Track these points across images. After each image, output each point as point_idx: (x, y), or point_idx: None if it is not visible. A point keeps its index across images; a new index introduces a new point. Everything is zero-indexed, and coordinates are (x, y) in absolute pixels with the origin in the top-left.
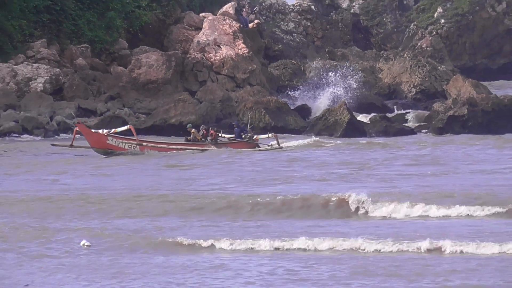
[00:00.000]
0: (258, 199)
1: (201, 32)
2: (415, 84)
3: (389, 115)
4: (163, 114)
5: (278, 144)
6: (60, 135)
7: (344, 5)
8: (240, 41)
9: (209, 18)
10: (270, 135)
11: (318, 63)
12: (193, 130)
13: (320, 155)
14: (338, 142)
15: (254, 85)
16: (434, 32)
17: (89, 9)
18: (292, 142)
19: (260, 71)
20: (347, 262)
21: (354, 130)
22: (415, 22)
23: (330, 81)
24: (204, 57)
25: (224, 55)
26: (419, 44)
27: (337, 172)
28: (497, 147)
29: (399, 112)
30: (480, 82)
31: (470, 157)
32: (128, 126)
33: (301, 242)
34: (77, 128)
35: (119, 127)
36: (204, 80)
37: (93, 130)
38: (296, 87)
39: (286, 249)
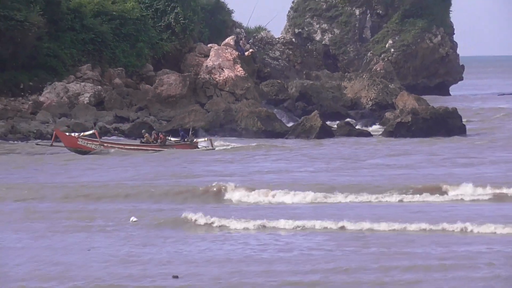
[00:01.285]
0: (152, 190)
1: (208, 58)
2: (371, 98)
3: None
4: (179, 120)
5: (212, 146)
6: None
7: (317, 38)
8: (239, 65)
9: (215, 48)
10: (205, 139)
11: (298, 83)
12: (146, 134)
13: (239, 155)
14: (260, 144)
15: (249, 99)
16: (386, 59)
17: (124, 40)
18: (225, 145)
19: (253, 88)
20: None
21: (325, 133)
22: (372, 51)
23: None
24: (211, 78)
25: (226, 76)
26: (374, 67)
27: (235, 168)
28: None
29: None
30: (421, 96)
31: (356, 155)
32: (93, 130)
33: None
34: (55, 132)
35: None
36: (211, 95)
37: (66, 134)
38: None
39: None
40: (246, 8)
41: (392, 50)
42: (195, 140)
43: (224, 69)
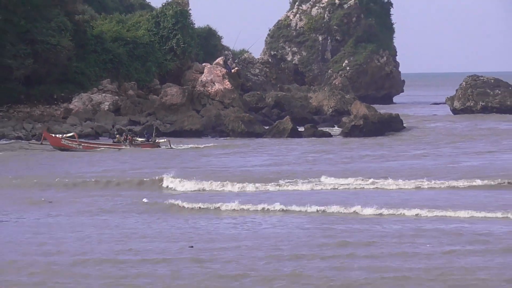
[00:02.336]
0: (104, 179)
1: (203, 75)
2: (331, 106)
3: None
4: (180, 124)
5: (170, 145)
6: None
7: (289, 59)
8: (226, 80)
9: (208, 66)
10: (165, 139)
11: (273, 94)
12: (117, 135)
13: (188, 153)
14: (210, 145)
15: (235, 106)
16: (343, 75)
17: (136, 60)
18: (183, 145)
19: (238, 98)
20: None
21: (294, 133)
22: (331, 69)
23: None
24: (205, 90)
25: (217, 88)
26: (333, 82)
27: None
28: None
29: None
30: (370, 105)
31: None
32: (73, 133)
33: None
34: (43, 134)
35: (153, 132)
36: (205, 104)
37: (52, 135)
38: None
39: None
40: (232, 33)
41: (348, 68)
42: (157, 140)
43: (215, 83)
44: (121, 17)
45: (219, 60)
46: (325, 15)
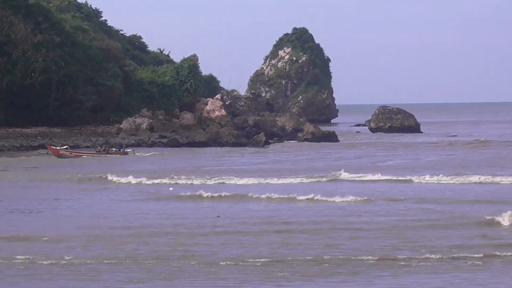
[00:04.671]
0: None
1: (207, 105)
2: (291, 126)
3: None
4: (193, 137)
5: (134, 153)
6: (153, 146)
7: (263, 95)
8: (223, 109)
9: (210, 100)
10: (131, 150)
11: (253, 118)
12: (99, 147)
13: (146, 158)
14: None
15: (228, 126)
16: (298, 106)
17: (163, 97)
18: (142, 153)
19: (230, 121)
20: None
21: (267, 143)
22: (291, 102)
23: None
24: (208, 115)
25: (216, 115)
26: (292, 110)
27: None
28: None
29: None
30: (316, 125)
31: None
32: (67, 146)
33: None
34: (47, 146)
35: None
36: (209, 124)
37: (53, 147)
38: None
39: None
40: (227, 76)
41: (301, 101)
42: (126, 150)
43: (215, 111)
44: (154, 68)
45: (218, 96)
46: (287, 67)
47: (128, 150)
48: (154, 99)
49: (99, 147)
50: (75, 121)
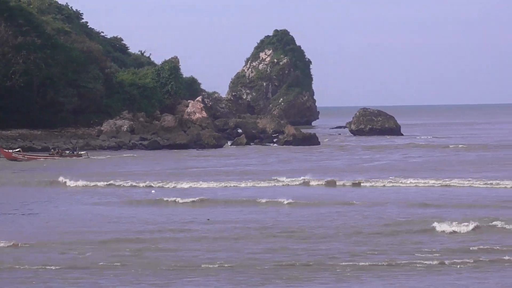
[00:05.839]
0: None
1: (188, 107)
2: (272, 128)
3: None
4: (174, 139)
5: (88, 156)
6: (133, 149)
7: (244, 97)
8: (204, 111)
9: (191, 102)
10: (85, 152)
11: (234, 120)
12: (52, 150)
13: (97, 160)
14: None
15: (209, 128)
16: (279, 108)
17: (144, 98)
18: (91, 155)
19: (211, 123)
20: None
21: (248, 145)
22: (272, 104)
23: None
24: (189, 117)
25: (197, 116)
26: (273, 112)
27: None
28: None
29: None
30: (297, 126)
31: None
32: (19, 148)
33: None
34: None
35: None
36: (190, 126)
37: (5, 150)
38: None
39: None
40: (208, 76)
41: (282, 103)
42: (79, 152)
43: (196, 113)
44: (135, 70)
45: (199, 98)
46: (268, 69)
47: (82, 152)
48: (135, 101)
49: (52, 150)
50: (56, 123)
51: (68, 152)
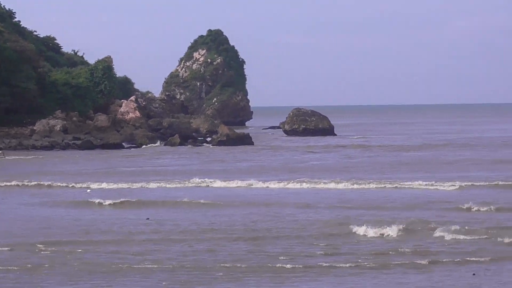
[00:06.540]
0: None
1: (121, 107)
2: (205, 128)
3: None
4: (107, 139)
5: (4, 156)
6: (66, 148)
7: (178, 97)
8: (137, 111)
9: (125, 102)
10: (1, 151)
11: (167, 120)
12: None
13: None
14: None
15: (142, 128)
16: (213, 108)
17: (78, 98)
18: (17, 156)
19: (145, 123)
20: None
21: (181, 145)
22: (205, 104)
23: None
24: (123, 117)
25: (131, 116)
26: (207, 112)
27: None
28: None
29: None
30: (231, 127)
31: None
32: None
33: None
34: None
35: (87, 147)
36: (123, 126)
37: None
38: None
39: None
40: (141, 77)
41: (216, 103)
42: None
43: (129, 113)
44: (68, 70)
45: (132, 98)
46: (201, 69)
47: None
48: (68, 101)
49: None
50: None
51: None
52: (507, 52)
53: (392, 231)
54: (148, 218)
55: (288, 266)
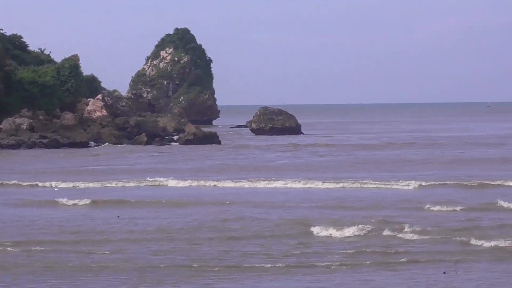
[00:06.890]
0: None
1: (88, 106)
2: (172, 126)
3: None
4: (74, 138)
5: None
6: (33, 147)
7: (145, 96)
8: (104, 109)
9: (92, 100)
10: None
11: (134, 119)
12: None
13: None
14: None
15: (109, 127)
16: (180, 107)
17: (44, 97)
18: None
19: (112, 121)
20: None
21: (148, 143)
22: (172, 102)
23: None
24: (89, 116)
25: (97, 115)
26: (174, 111)
27: None
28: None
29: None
30: (198, 125)
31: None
32: None
33: None
34: None
35: (53, 145)
36: (90, 125)
37: None
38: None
39: None
40: (108, 75)
41: (183, 102)
42: None
43: (96, 111)
44: (35, 68)
45: (99, 96)
46: (169, 67)
47: None
48: (35, 99)
49: None
50: None
51: None
52: (468, 52)
53: (356, 230)
54: (118, 216)
55: (257, 265)
